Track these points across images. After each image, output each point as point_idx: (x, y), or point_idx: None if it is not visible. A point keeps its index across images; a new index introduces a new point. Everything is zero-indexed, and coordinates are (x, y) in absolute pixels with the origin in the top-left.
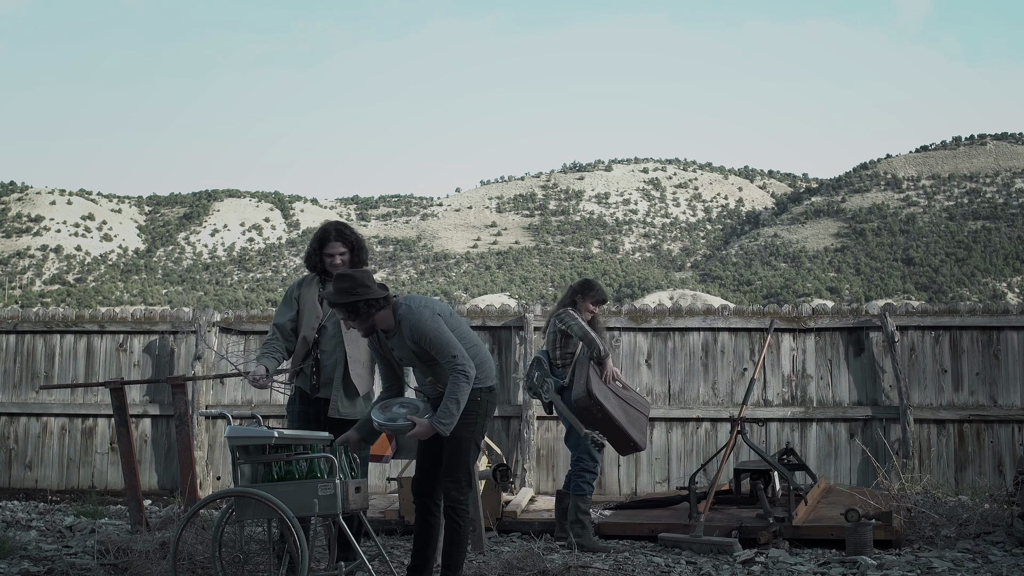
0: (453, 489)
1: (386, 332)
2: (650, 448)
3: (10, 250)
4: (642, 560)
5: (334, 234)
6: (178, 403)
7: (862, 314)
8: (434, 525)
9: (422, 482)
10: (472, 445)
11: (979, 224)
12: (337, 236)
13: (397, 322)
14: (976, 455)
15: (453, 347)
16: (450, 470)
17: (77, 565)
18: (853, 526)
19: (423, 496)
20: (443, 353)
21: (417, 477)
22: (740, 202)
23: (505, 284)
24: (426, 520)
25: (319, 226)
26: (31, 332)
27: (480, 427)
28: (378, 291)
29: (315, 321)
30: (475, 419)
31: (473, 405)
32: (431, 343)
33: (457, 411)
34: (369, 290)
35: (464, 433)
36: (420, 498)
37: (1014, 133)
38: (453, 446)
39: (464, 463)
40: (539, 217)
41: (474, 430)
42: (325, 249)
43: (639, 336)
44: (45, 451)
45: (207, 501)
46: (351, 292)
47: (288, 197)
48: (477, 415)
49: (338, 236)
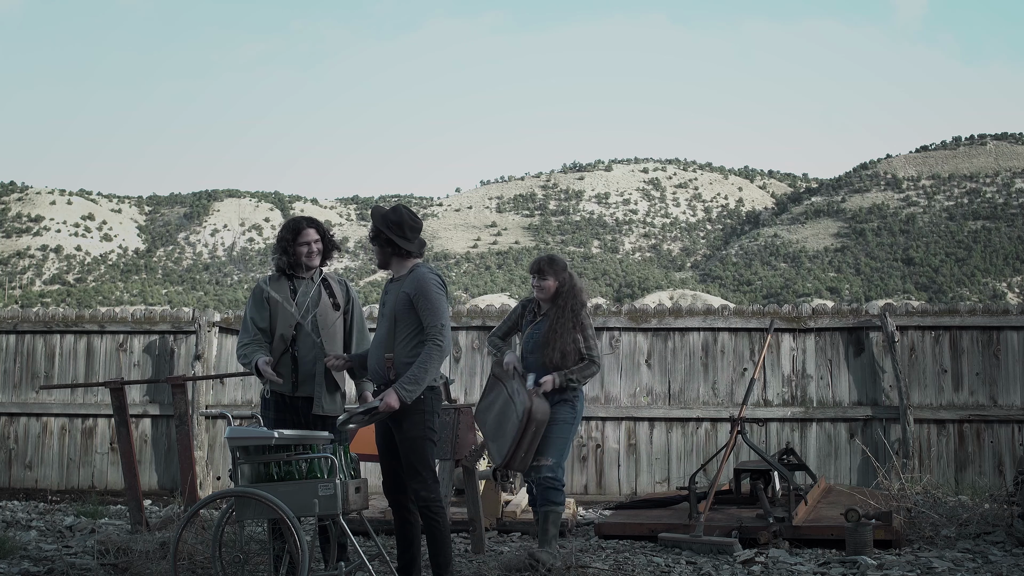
0: (421, 489)
1: (394, 279)
2: (650, 448)
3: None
4: (642, 560)
5: (306, 223)
6: (178, 403)
7: (862, 314)
8: (413, 523)
9: (390, 482)
10: (428, 443)
11: (979, 224)
12: (309, 224)
13: (409, 272)
14: (976, 455)
15: (444, 318)
16: (412, 471)
17: (77, 565)
18: (853, 526)
19: (396, 495)
20: (434, 315)
21: (384, 478)
22: (740, 202)
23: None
24: (404, 519)
25: (283, 224)
26: (31, 332)
27: (433, 425)
28: (409, 244)
29: (292, 319)
30: (423, 417)
31: (418, 403)
32: (428, 301)
33: (423, 380)
34: (404, 235)
35: (416, 432)
36: (393, 498)
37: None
38: (408, 447)
39: (424, 460)
40: (539, 217)
41: (426, 428)
42: (299, 239)
43: (639, 336)
44: (45, 451)
45: (207, 501)
46: (396, 225)
47: (288, 197)
48: (426, 413)
49: (310, 224)
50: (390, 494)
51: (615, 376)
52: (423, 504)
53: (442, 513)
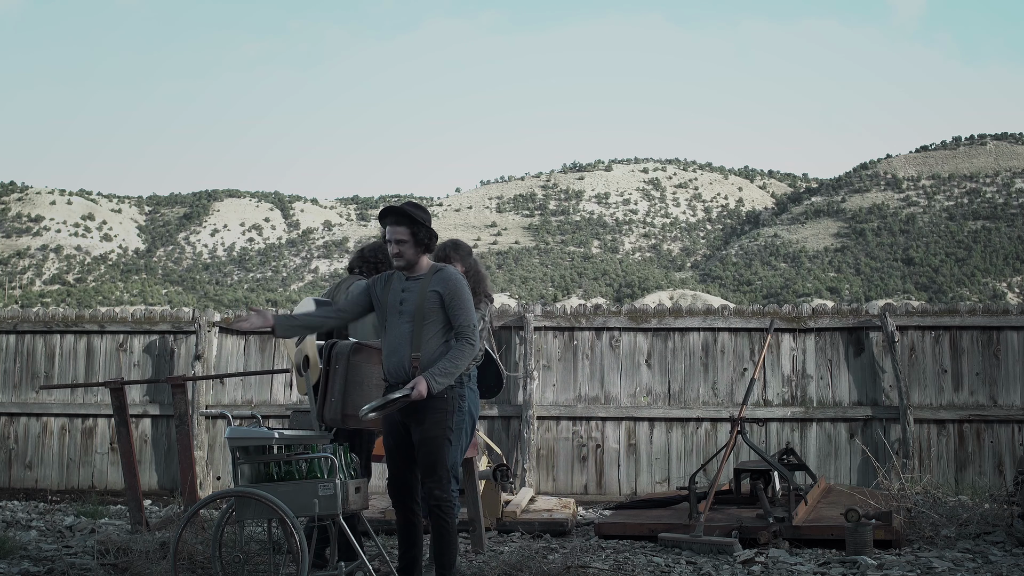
0: (436, 488)
1: (412, 277)
2: (650, 448)
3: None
4: (642, 560)
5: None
6: (178, 403)
7: (862, 314)
8: (416, 524)
9: (397, 483)
10: (446, 442)
11: (979, 224)
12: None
13: (432, 271)
14: (976, 455)
15: (475, 318)
16: (429, 470)
17: (77, 565)
18: (853, 526)
19: (402, 497)
20: (466, 316)
21: (391, 480)
22: (740, 202)
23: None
24: (408, 520)
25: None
26: (31, 332)
27: (453, 425)
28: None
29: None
30: (445, 416)
31: (441, 402)
32: (460, 301)
33: (453, 374)
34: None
35: (436, 432)
36: (399, 499)
37: (1014, 133)
38: (427, 446)
39: (442, 460)
40: (539, 217)
41: (445, 427)
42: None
43: (639, 336)
44: (45, 451)
45: (207, 501)
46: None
47: (288, 197)
48: (447, 412)
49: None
50: (396, 495)
51: (615, 376)
52: (435, 503)
53: (452, 514)
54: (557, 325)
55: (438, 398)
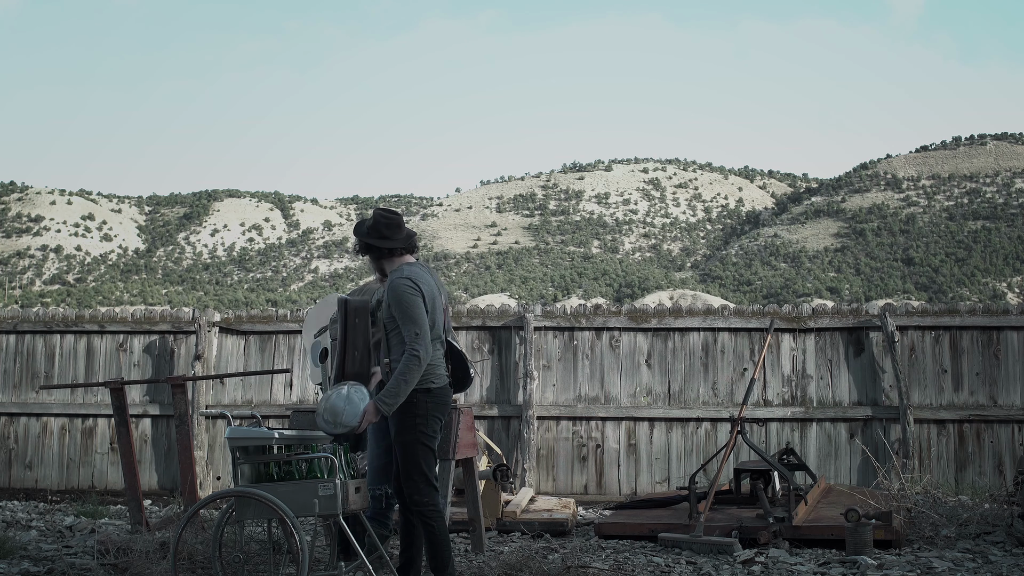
0: (413, 493)
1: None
2: (650, 448)
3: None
4: (642, 560)
5: None
6: (178, 403)
7: (862, 314)
8: (415, 524)
9: (396, 484)
10: (420, 447)
11: (979, 224)
12: None
13: (390, 280)
14: (976, 455)
15: (418, 326)
16: (404, 476)
17: (77, 565)
18: (853, 526)
19: (400, 495)
20: (408, 325)
21: (394, 478)
22: (740, 202)
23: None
24: (408, 520)
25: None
26: (31, 332)
27: (426, 429)
28: (391, 242)
29: None
30: (414, 420)
31: (410, 406)
32: (400, 309)
33: (403, 391)
34: (382, 235)
35: (407, 436)
36: (400, 497)
37: (1014, 133)
38: (399, 451)
39: (415, 465)
40: (539, 217)
41: (416, 432)
42: None
43: (639, 336)
44: (45, 451)
45: (207, 501)
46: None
47: (288, 197)
48: (416, 416)
49: None
50: (397, 494)
51: (615, 376)
52: (416, 508)
53: (436, 517)
54: (557, 325)
55: (407, 403)
